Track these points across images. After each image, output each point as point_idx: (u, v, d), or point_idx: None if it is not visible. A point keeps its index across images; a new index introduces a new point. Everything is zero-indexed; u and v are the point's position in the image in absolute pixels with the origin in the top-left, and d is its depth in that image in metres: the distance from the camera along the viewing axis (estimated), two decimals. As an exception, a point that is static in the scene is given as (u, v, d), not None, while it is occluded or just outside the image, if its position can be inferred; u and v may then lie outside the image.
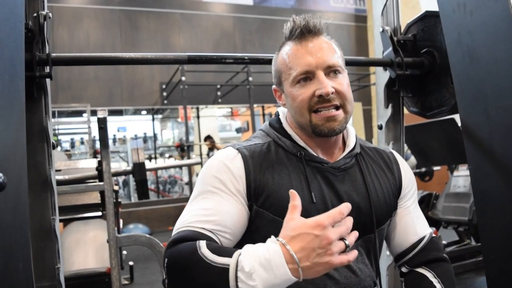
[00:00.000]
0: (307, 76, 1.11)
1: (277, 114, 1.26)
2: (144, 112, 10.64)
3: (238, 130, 12.57)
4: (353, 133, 1.24)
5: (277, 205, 1.08)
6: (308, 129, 1.13)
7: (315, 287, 1.08)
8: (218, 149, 8.85)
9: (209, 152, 9.13)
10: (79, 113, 9.59)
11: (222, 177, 1.08)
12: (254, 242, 1.09)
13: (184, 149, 8.09)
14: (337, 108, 1.11)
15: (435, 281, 1.15)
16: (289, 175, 1.12)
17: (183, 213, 1.08)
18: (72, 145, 10.21)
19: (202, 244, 0.92)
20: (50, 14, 1.29)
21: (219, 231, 1.02)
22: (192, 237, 0.97)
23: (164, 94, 9.02)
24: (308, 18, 1.14)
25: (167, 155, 11.60)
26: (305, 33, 1.13)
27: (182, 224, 1.03)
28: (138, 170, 2.83)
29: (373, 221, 1.16)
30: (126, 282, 3.76)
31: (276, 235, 1.02)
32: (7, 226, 0.77)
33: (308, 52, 1.11)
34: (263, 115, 10.98)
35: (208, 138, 9.14)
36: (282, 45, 1.19)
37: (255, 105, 8.04)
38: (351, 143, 1.21)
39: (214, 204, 1.05)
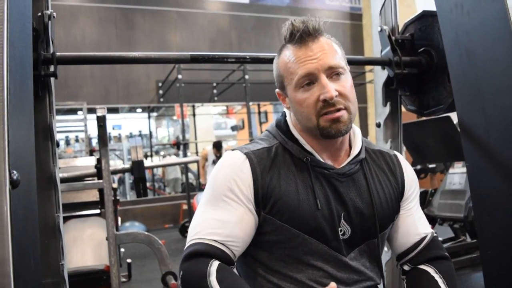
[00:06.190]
0: (310, 80, 1.10)
1: (283, 115, 1.26)
2: (139, 110, 10.64)
3: (233, 128, 12.58)
4: (359, 136, 1.24)
5: (284, 211, 1.10)
6: (316, 132, 1.12)
7: (320, 286, 1.12)
8: None
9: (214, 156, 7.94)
10: (73, 111, 9.57)
11: (230, 185, 1.11)
12: (258, 245, 1.15)
13: (179, 147, 8.04)
14: (340, 109, 1.10)
15: (436, 276, 1.17)
16: (295, 181, 1.13)
17: (195, 218, 1.13)
18: (67, 143, 10.21)
19: (213, 271, 0.98)
20: (55, 14, 1.30)
21: (230, 241, 1.07)
22: (204, 251, 1.04)
23: (160, 92, 9.02)
24: (307, 21, 1.12)
25: (162, 153, 11.59)
26: (305, 36, 1.11)
27: (195, 234, 1.08)
28: (137, 167, 2.84)
29: (376, 227, 1.18)
30: (124, 279, 3.77)
31: (282, 241, 1.11)
32: (20, 223, 0.79)
33: (309, 56, 1.10)
34: (259, 113, 11.00)
35: (217, 145, 7.79)
36: (282, 48, 1.18)
37: (250, 103, 8.04)
38: (357, 147, 1.21)
39: (224, 214, 1.10)
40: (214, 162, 8.14)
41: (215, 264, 1.01)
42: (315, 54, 1.10)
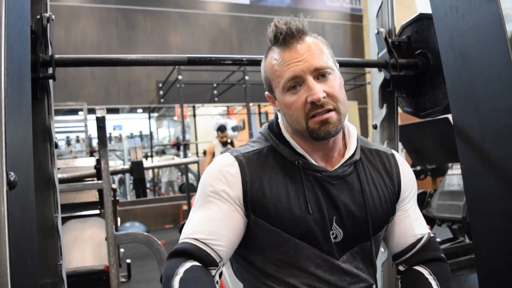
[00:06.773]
0: (296, 82, 1.09)
1: (276, 116, 1.24)
2: (140, 110, 10.65)
3: (234, 129, 12.59)
4: (355, 136, 1.23)
5: (275, 215, 1.10)
6: (306, 134, 1.11)
7: None
8: (232, 144, 7.93)
9: (222, 148, 7.48)
10: (74, 112, 9.59)
11: (218, 186, 1.11)
12: (250, 248, 1.15)
13: (179, 147, 8.00)
14: (329, 110, 1.08)
15: (430, 278, 1.16)
16: (286, 185, 1.12)
17: (187, 220, 1.13)
18: (68, 143, 10.23)
19: (180, 271, 0.97)
20: (53, 16, 1.32)
21: (212, 239, 1.06)
22: (185, 250, 1.03)
23: (161, 92, 9.03)
24: (290, 22, 1.11)
25: (165, 152, 11.56)
26: (288, 38, 1.10)
27: (183, 234, 1.09)
28: (136, 168, 2.85)
29: (369, 230, 1.17)
30: (123, 279, 3.78)
31: (273, 245, 1.10)
32: (17, 223, 0.80)
33: (295, 58, 1.09)
34: (259, 113, 11.01)
35: (221, 128, 7.40)
36: (268, 50, 1.18)
37: (251, 104, 8.02)
38: (351, 148, 1.20)
39: (209, 213, 1.09)
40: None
41: (186, 265, 0.99)
42: (301, 55, 1.09)
